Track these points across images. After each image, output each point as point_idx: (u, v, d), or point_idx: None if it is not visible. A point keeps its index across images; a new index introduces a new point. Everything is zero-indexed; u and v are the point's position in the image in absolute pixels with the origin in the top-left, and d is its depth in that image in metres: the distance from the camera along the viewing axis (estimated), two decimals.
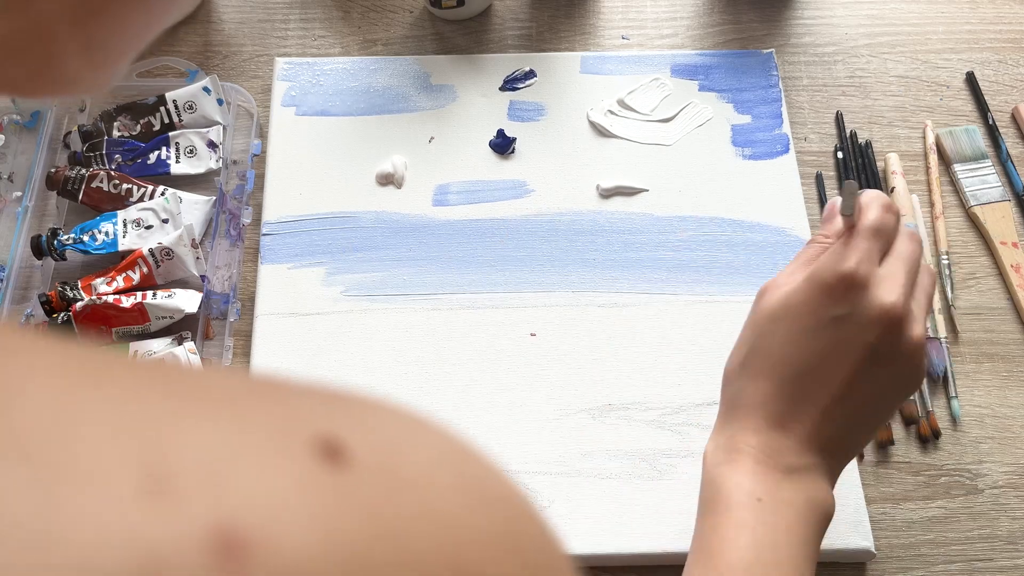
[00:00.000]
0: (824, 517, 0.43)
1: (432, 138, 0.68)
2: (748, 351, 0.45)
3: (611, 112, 0.69)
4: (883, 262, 0.43)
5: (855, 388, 0.42)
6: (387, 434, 0.17)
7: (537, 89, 0.71)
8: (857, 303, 0.42)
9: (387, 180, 0.66)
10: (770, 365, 0.43)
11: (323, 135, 0.68)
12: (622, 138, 0.68)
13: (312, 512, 0.14)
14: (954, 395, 0.59)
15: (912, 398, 0.59)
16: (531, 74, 0.71)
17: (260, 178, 0.68)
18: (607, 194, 0.66)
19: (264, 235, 0.64)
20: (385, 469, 0.16)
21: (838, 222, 0.45)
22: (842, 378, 0.42)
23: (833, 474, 0.44)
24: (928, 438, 0.58)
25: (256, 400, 0.17)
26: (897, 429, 0.59)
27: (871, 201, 0.44)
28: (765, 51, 0.72)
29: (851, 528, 0.54)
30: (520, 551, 0.17)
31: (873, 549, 0.53)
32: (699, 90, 0.70)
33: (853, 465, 0.56)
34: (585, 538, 0.54)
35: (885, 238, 0.44)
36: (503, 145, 0.68)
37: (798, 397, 0.43)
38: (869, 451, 0.58)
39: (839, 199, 0.45)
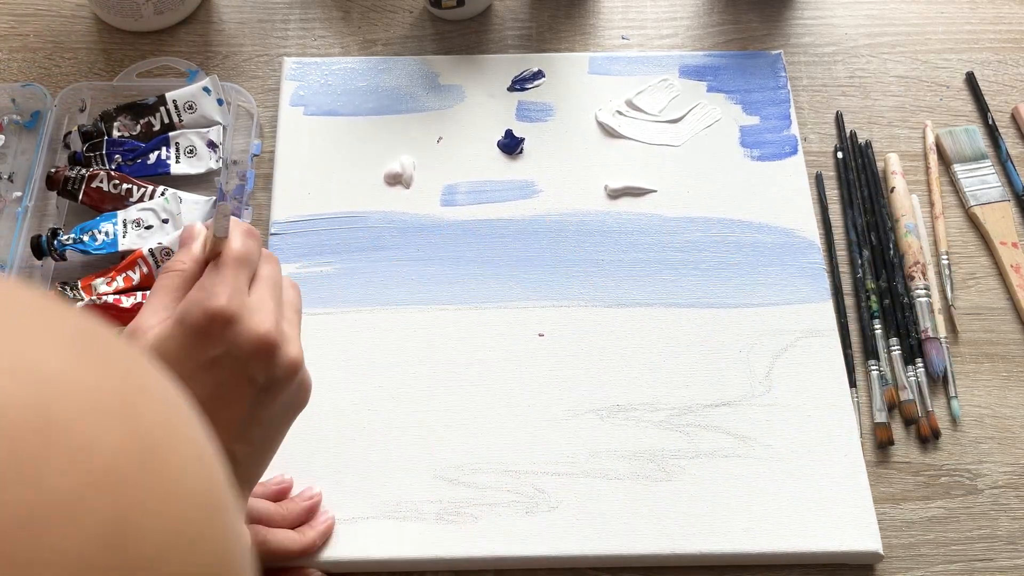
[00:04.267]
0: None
1: (440, 138, 0.68)
2: None
3: (619, 113, 0.69)
4: (251, 289, 0.42)
5: (250, 424, 0.42)
6: None
7: (545, 89, 0.71)
8: (231, 340, 0.40)
9: (395, 180, 0.66)
10: None
11: (331, 135, 0.68)
12: (630, 139, 0.68)
13: None
14: (954, 395, 0.59)
15: (912, 397, 0.59)
16: (539, 74, 0.71)
17: (263, 178, 0.67)
18: (615, 195, 0.66)
19: (272, 235, 0.64)
20: None
21: (196, 247, 0.43)
22: (238, 415, 0.41)
23: (244, 503, 0.44)
24: (928, 438, 0.58)
25: None
26: (897, 429, 0.59)
27: (232, 228, 0.42)
28: (773, 52, 0.72)
29: (859, 530, 0.54)
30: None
31: (881, 551, 0.54)
32: (707, 91, 0.70)
33: (860, 467, 0.56)
34: (593, 538, 0.54)
35: (251, 265, 0.42)
36: (511, 145, 0.68)
37: None
38: (869, 451, 0.58)
39: (196, 223, 0.44)
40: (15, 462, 0.15)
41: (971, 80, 0.72)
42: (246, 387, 0.41)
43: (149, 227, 0.63)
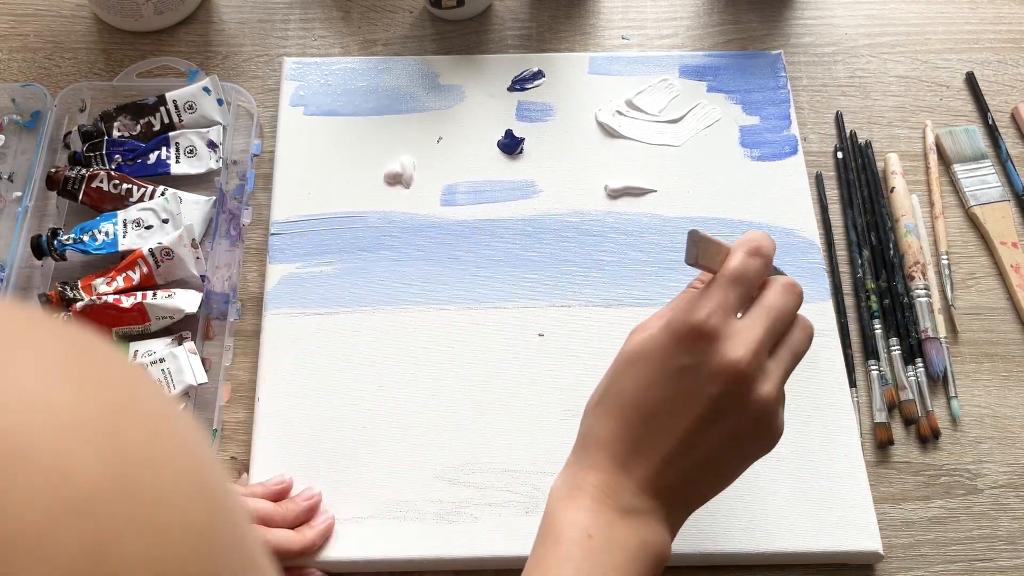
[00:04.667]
0: (657, 561, 0.42)
1: (440, 138, 0.68)
2: (603, 391, 0.44)
3: (619, 113, 0.69)
4: (747, 313, 0.43)
5: (698, 439, 0.42)
6: None
7: (545, 89, 0.71)
8: (704, 355, 0.41)
9: (395, 180, 0.66)
10: (619, 406, 0.43)
11: (331, 135, 0.68)
12: (630, 139, 0.68)
13: None
14: (954, 395, 0.59)
15: (912, 397, 0.59)
16: (539, 74, 0.71)
17: (263, 178, 0.68)
18: (615, 195, 0.66)
19: (272, 235, 0.64)
20: None
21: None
22: (684, 428, 0.42)
23: (673, 522, 0.44)
24: (928, 438, 0.58)
25: None
26: (897, 429, 0.59)
27: (739, 246, 0.43)
28: (773, 52, 0.72)
29: (859, 530, 0.54)
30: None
31: (881, 551, 0.54)
32: (707, 91, 0.70)
33: (860, 467, 0.56)
34: None
35: (747, 285, 0.43)
36: (511, 145, 0.68)
37: (642, 441, 0.42)
38: (869, 451, 0.58)
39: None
40: None
41: (971, 80, 0.72)
42: (701, 404, 0.41)
43: (149, 227, 0.63)
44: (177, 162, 0.67)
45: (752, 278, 0.43)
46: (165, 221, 0.64)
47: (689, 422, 0.42)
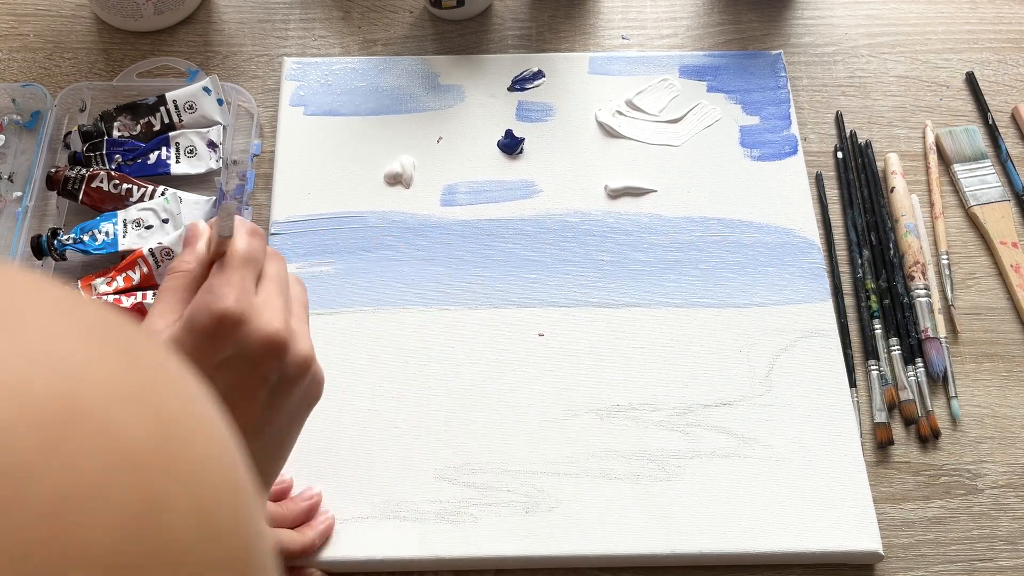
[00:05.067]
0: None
1: (440, 138, 0.68)
2: None
3: (619, 113, 0.69)
4: (258, 289, 0.42)
5: (265, 422, 0.41)
6: None
7: (545, 89, 0.71)
8: (241, 341, 0.39)
9: (395, 180, 0.66)
10: None
11: (331, 135, 0.68)
12: (630, 139, 0.68)
13: None
14: (954, 395, 0.59)
15: (912, 397, 0.59)
16: (539, 74, 0.71)
17: (263, 178, 0.68)
18: (615, 195, 0.66)
19: (272, 234, 0.64)
20: None
21: (200, 247, 0.43)
22: (253, 416, 0.41)
23: (264, 501, 0.43)
24: (928, 438, 0.58)
25: None
26: (897, 429, 0.59)
27: (236, 228, 0.42)
28: (773, 52, 0.72)
29: (859, 530, 0.54)
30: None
31: (881, 551, 0.54)
32: (707, 91, 0.70)
33: (860, 467, 0.56)
34: (593, 538, 0.54)
35: (256, 264, 0.42)
36: (511, 145, 0.68)
37: None
38: (869, 451, 0.58)
39: (200, 222, 0.43)
40: (46, 448, 0.15)
41: (971, 80, 0.72)
42: (259, 386, 0.40)
43: (149, 227, 0.63)
44: (177, 162, 0.67)
45: (260, 257, 0.42)
46: (165, 221, 0.64)
47: (255, 409, 0.41)
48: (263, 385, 0.40)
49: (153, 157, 0.67)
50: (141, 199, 0.65)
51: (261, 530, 0.20)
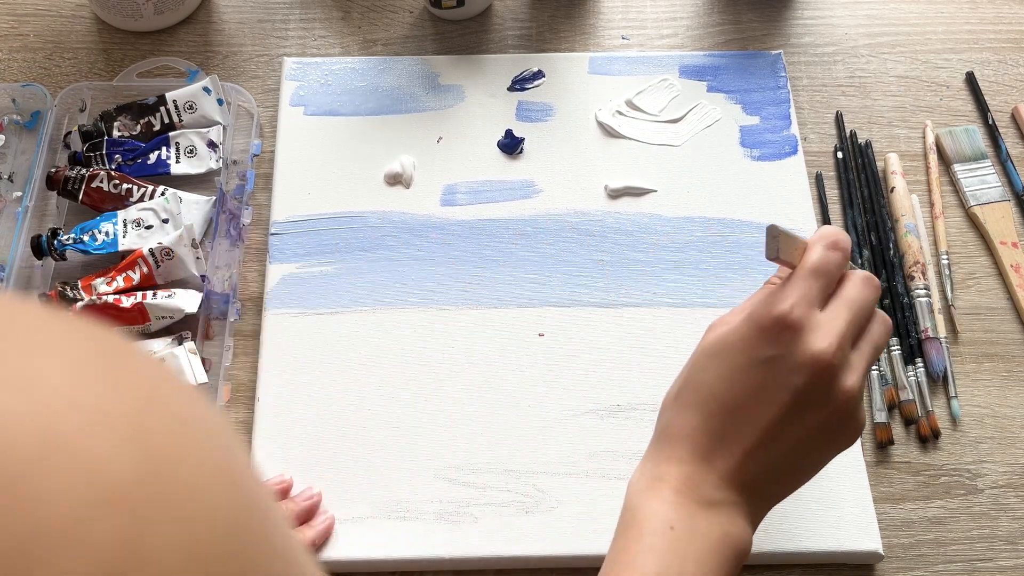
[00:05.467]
0: (738, 554, 0.42)
1: (440, 138, 0.68)
2: (683, 383, 0.44)
3: (619, 113, 0.69)
4: (828, 305, 0.42)
5: (781, 431, 0.42)
6: None
7: (545, 89, 0.71)
8: (788, 347, 0.41)
9: (395, 180, 0.66)
10: (700, 399, 0.43)
11: (331, 135, 0.68)
12: (630, 139, 0.68)
13: None
14: (954, 395, 0.59)
15: (912, 397, 0.59)
16: (539, 74, 0.71)
17: (263, 178, 0.68)
18: (615, 195, 0.66)
19: (272, 234, 0.64)
20: None
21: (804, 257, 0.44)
22: (768, 419, 0.42)
23: (754, 515, 0.44)
24: (928, 438, 0.58)
25: None
26: (897, 429, 0.59)
27: (817, 240, 0.43)
28: (773, 52, 0.72)
29: (859, 530, 0.54)
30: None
31: (881, 551, 0.54)
32: (707, 91, 0.70)
33: (860, 466, 0.56)
34: (592, 538, 0.54)
35: (827, 278, 0.43)
36: (511, 145, 0.68)
37: (724, 433, 0.42)
38: (869, 451, 0.58)
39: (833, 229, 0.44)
40: (16, 481, 0.14)
41: (971, 80, 0.72)
42: (784, 396, 0.41)
43: (149, 227, 0.63)
44: (177, 162, 0.67)
45: (832, 271, 0.43)
46: (165, 221, 0.64)
47: (773, 414, 0.41)
48: (789, 396, 0.41)
49: (153, 157, 0.67)
50: (141, 199, 0.65)
51: (274, 549, 0.19)
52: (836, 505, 0.55)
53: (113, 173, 0.65)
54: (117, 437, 0.16)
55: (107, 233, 0.63)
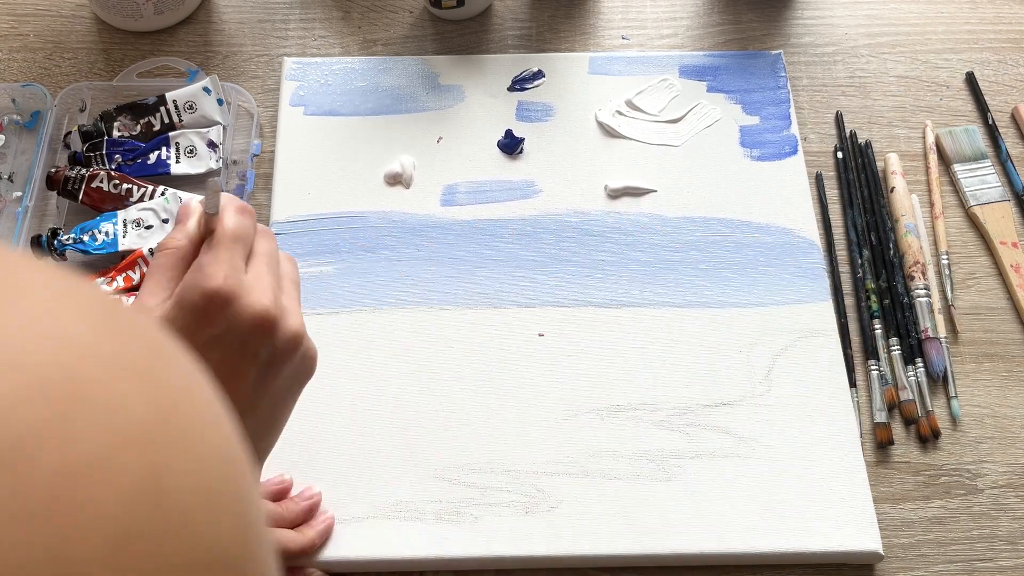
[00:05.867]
0: None
1: (440, 138, 0.68)
2: None
3: (619, 113, 0.69)
4: (248, 266, 0.42)
5: (255, 396, 0.41)
6: None
7: (545, 90, 0.71)
8: (231, 318, 0.39)
9: (395, 180, 0.66)
10: None
11: (331, 135, 0.68)
12: (630, 139, 0.68)
13: None
14: (954, 395, 0.59)
15: (912, 397, 0.59)
16: (539, 74, 0.71)
17: (263, 178, 0.68)
18: (615, 195, 0.66)
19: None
20: None
21: (191, 225, 0.43)
22: (241, 395, 0.40)
23: (257, 477, 0.43)
24: (928, 438, 0.58)
25: None
26: (897, 429, 0.59)
27: (225, 205, 0.42)
28: (773, 52, 0.72)
29: (859, 530, 0.54)
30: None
31: (881, 551, 0.54)
32: (707, 91, 0.70)
33: (860, 467, 0.56)
34: (593, 538, 0.54)
35: (246, 242, 0.42)
36: (511, 145, 0.68)
37: None
38: (869, 451, 0.58)
39: (192, 200, 0.43)
40: (48, 422, 0.16)
41: (971, 80, 0.72)
42: (249, 363, 0.40)
43: (149, 227, 0.63)
44: (177, 162, 0.67)
45: (250, 234, 0.42)
46: (165, 221, 0.64)
47: (242, 388, 0.40)
48: (253, 362, 0.40)
49: (153, 157, 0.67)
50: (141, 199, 0.65)
51: (258, 505, 0.21)
52: (836, 505, 0.55)
53: (113, 173, 0.65)
54: (133, 383, 0.17)
55: (107, 233, 0.63)
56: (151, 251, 0.62)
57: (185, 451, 0.18)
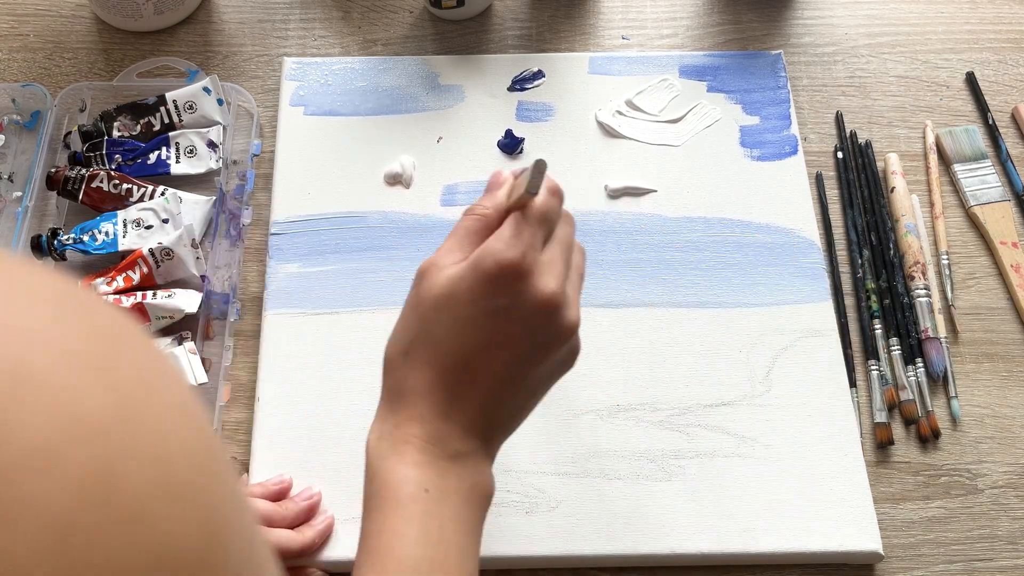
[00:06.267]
0: (487, 498, 0.43)
1: (440, 138, 0.68)
2: (412, 339, 0.43)
3: (619, 113, 0.69)
4: (545, 248, 0.43)
5: (520, 375, 0.42)
6: None
7: (545, 90, 0.71)
8: (519, 294, 0.41)
9: (395, 180, 0.66)
10: (434, 354, 0.42)
11: (331, 135, 0.68)
12: (630, 139, 0.68)
13: None
14: (954, 395, 0.59)
15: (912, 397, 0.59)
16: (539, 74, 0.71)
17: (263, 178, 0.68)
18: (615, 195, 0.66)
19: (273, 235, 0.64)
20: None
21: (501, 195, 0.44)
22: (504, 366, 0.42)
23: (493, 453, 0.44)
24: (928, 438, 0.58)
25: None
26: (897, 429, 0.59)
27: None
28: (773, 52, 0.72)
29: (859, 530, 0.54)
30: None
31: (881, 551, 0.54)
32: (707, 91, 0.70)
33: (860, 467, 0.56)
34: (593, 538, 0.54)
35: (550, 224, 0.43)
36: (511, 145, 0.68)
37: (462, 386, 0.42)
38: (869, 451, 0.58)
39: (506, 171, 0.44)
40: None
41: (971, 80, 0.72)
42: (523, 341, 0.41)
43: (149, 227, 0.63)
44: (177, 162, 0.67)
45: (555, 218, 0.43)
46: (165, 221, 0.64)
47: (508, 360, 0.42)
48: (528, 341, 0.42)
49: (153, 157, 0.67)
50: (141, 199, 0.65)
51: (235, 500, 0.20)
52: (836, 505, 0.55)
53: (113, 173, 0.65)
54: (88, 373, 0.17)
55: (107, 233, 0.63)
56: (151, 251, 0.62)
57: (138, 445, 0.17)
